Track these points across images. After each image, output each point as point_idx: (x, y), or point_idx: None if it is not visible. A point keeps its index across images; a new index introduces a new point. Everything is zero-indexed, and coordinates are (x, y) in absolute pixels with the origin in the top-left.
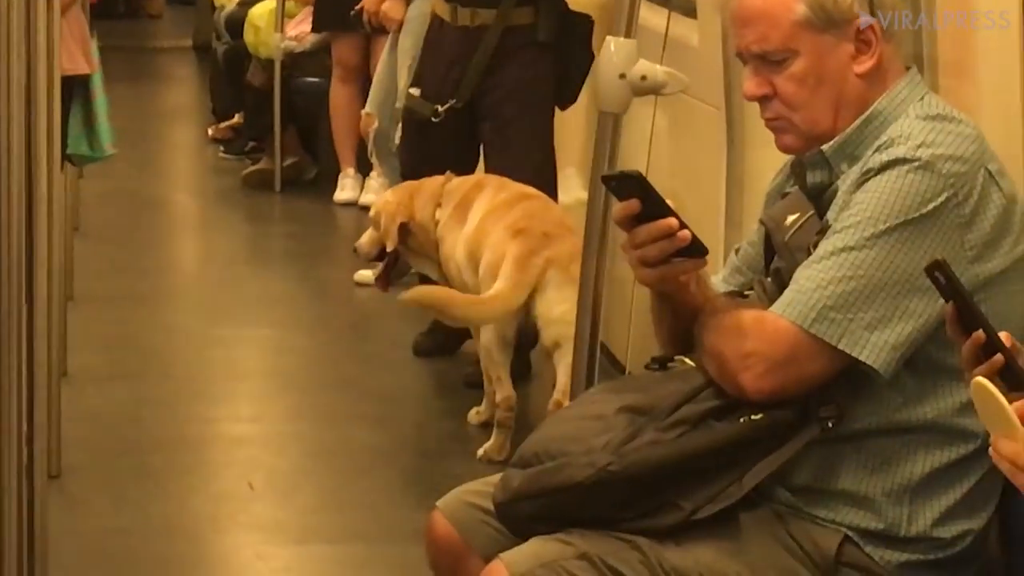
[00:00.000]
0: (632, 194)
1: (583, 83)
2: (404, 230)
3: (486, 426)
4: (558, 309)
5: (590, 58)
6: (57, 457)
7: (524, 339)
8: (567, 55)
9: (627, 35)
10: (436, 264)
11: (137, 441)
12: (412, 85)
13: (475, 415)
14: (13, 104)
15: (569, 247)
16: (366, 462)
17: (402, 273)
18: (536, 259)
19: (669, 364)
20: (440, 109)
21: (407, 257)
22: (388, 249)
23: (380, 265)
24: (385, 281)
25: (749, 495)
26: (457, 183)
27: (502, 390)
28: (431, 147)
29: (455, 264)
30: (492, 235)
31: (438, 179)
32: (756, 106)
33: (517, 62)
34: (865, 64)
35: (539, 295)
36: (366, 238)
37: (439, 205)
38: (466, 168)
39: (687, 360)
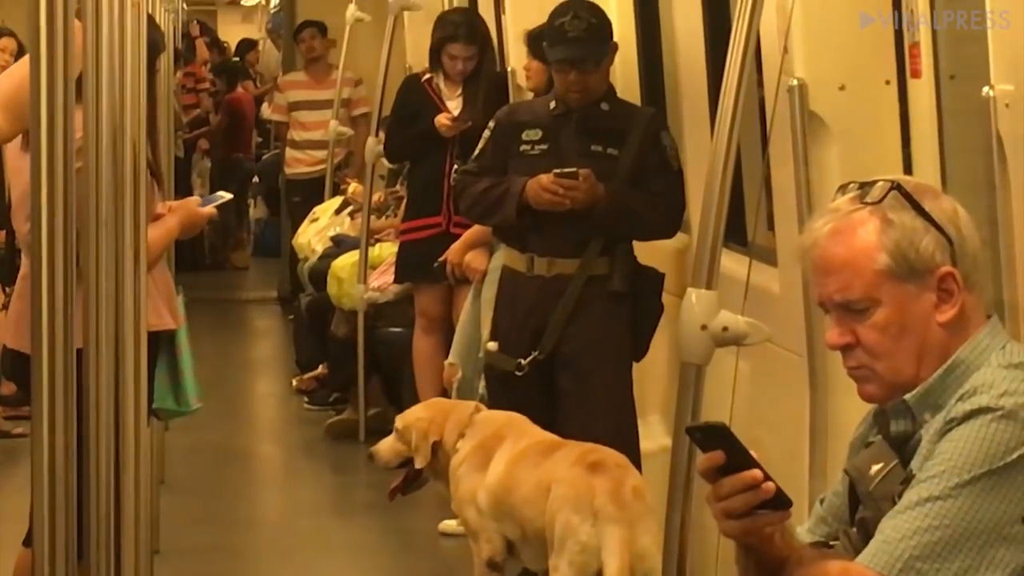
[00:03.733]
0: (716, 445)
1: (652, 335)
2: (434, 449)
3: None
4: (642, 542)
5: (660, 310)
6: None
7: None
8: (639, 307)
9: (708, 286)
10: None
11: None
12: (490, 339)
13: None
14: (102, 360)
15: (639, 477)
16: None
17: (419, 487)
18: (625, 489)
19: None
20: (523, 363)
21: (429, 476)
22: (417, 466)
23: (400, 480)
24: (397, 492)
25: None
26: (484, 417)
27: None
28: (518, 400)
29: (475, 510)
30: (555, 470)
31: (468, 406)
32: (838, 354)
33: (594, 312)
34: (947, 313)
35: None
36: (386, 447)
37: (462, 435)
38: (555, 417)
39: None
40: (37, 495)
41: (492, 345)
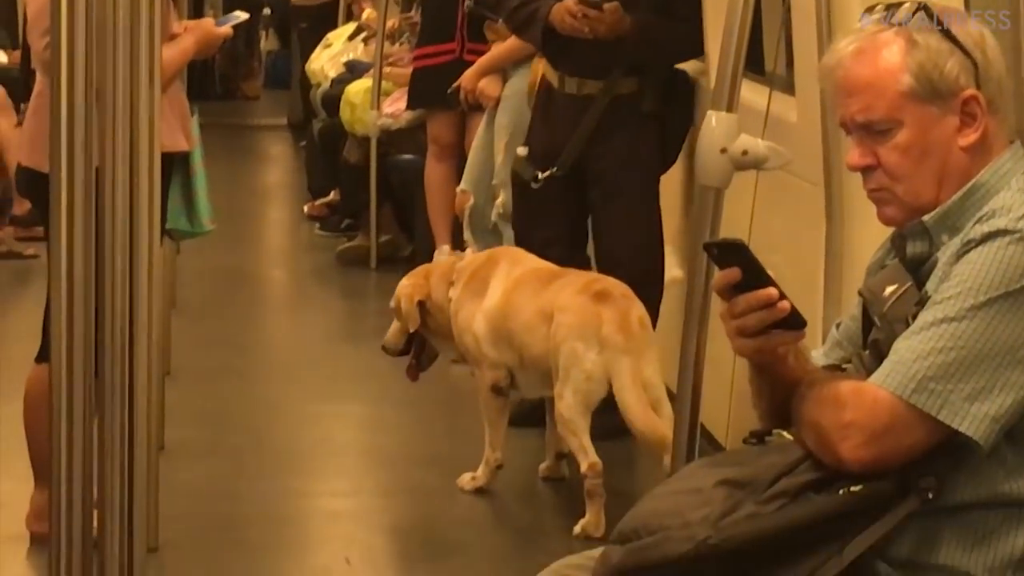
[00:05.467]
0: (733, 263)
1: (682, 146)
2: (422, 309)
3: (549, 480)
4: (646, 372)
5: (690, 122)
6: (155, 531)
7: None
8: (669, 120)
9: (728, 109)
10: (455, 343)
11: (234, 516)
12: (523, 144)
13: (544, 469)
14: (118, 179)
15: (642, 307)
16: (462, 538)
17: (431, 360)
18: (631, 319)
19: (767, 438)
20: (540, 176)
21: (430, 339)
22: (411, 330)
23: (409, 357)
24: (416, 370)
25: (849, 570)
26: (467, 261)
27: (586, 458)
28: (538, 211)
29: (472, 336)
30: (559, 298)
31: (449, 260)
32: (855, 183)
33: (623, 131)
34: (970, 137)
35: None
36: (391, 332)
37: (451, 283)
38: (576, 234)
39: (785, 434)
40: (55, 311)
41: (522, 150)
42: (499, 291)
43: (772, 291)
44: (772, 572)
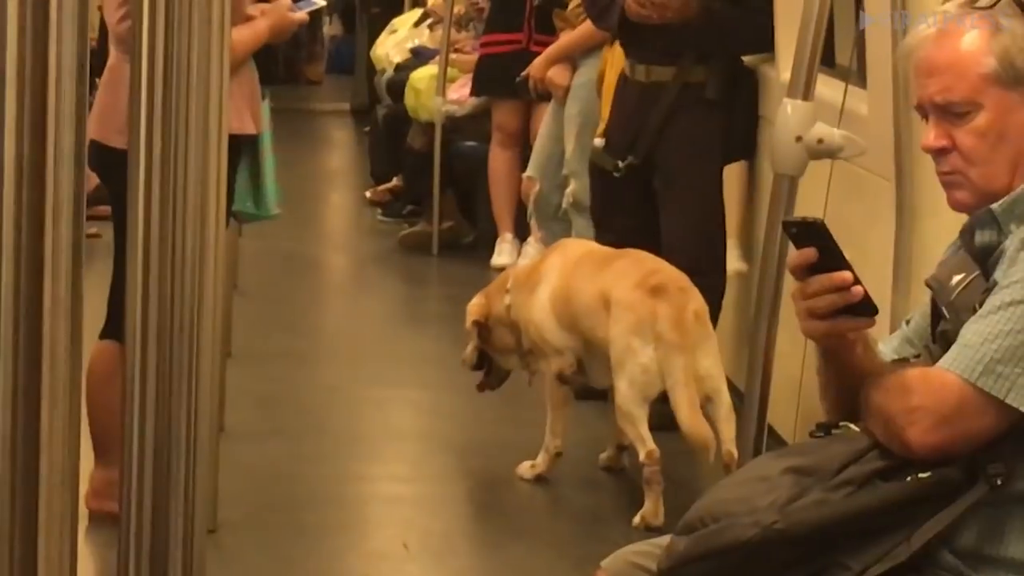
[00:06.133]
0: (811, 243)
1: (747, 139)
2: (481, 328)
3: (609, 470)
4: (703, 364)
5: (754, 113)
6: (214, 512)
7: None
8: (734, 109)
9: (805, 98)
10: (518, 355)
11: (292, 498)
12: (598, 134)
13: (605, 459)
14: (191, 160)
15: (700, 300)
16: (521, 525)
17: (500, 379)
18: (687, 314)
19: (834, 430)
20: (621, 165)
21: (494, 357)
22: (469, 349)
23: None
24: (485, 386)
25: (915, 560)
26: (519, 269)
27: (644, 446)
28: (616, 199)
29: (535, 326)
30: (616, 289)
31: (505, 273)
32: (925, 176)
33: (688, 118)
34: None
35: None
36: (468, 348)
37: (507, 292)
38: (650, 220)
39: (852, 426)
40: (131, 290)
41: (599, 141)
42: (556, 277)
43: (847, 275)
44: (839, 558)
